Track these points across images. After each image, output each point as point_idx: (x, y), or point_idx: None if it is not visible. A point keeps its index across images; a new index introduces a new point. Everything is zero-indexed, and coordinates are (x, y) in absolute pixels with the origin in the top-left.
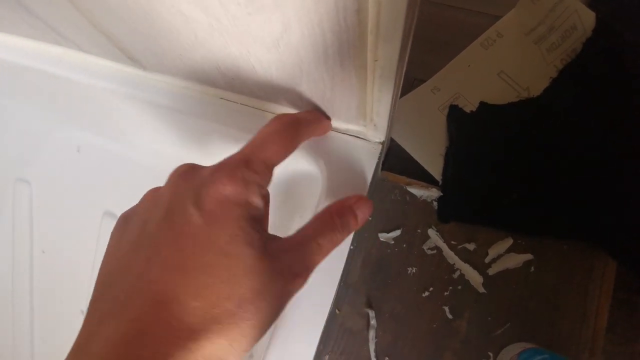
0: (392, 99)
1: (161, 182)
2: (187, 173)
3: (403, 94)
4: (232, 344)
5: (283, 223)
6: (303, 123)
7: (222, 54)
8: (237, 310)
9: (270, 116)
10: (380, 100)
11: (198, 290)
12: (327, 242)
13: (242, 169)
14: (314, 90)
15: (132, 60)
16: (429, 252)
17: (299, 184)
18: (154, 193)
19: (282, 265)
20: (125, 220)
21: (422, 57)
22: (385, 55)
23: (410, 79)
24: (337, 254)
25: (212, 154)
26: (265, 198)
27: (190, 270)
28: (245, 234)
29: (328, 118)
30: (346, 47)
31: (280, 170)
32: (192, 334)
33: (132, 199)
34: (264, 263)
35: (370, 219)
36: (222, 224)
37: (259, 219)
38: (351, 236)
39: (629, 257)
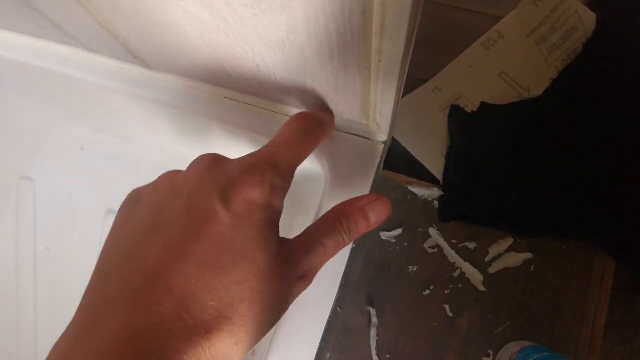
0: (395, 99)
1: None
2: (214, 166)
3: (405, 94)
4: (238, 343)
5: (285, 222)
6: (324, 126)
7: (228, 54)
8: (247, 312)
9: (273, 115)
10: (384, 100)
11: (215, 289)
12: (332, 244)
13: (271, 173)
14: (318, 90)
15: (137, 59)
16: (430, 250)
17: (301, 183)
18: (172, 178)
19: (290, 269)
20: (137, 199)
21: (424, 57)
22: (389, 56)
23: (412, 79)
24: (339, 253)
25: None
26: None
27: (210, 268)
28: (264, 238)
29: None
30: (351, 49)
31: None
32: (205, 332)
33: None
34: (275, 267)
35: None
36: (246, 227)
37: (276, 223)
38: None
39: (628, 257)
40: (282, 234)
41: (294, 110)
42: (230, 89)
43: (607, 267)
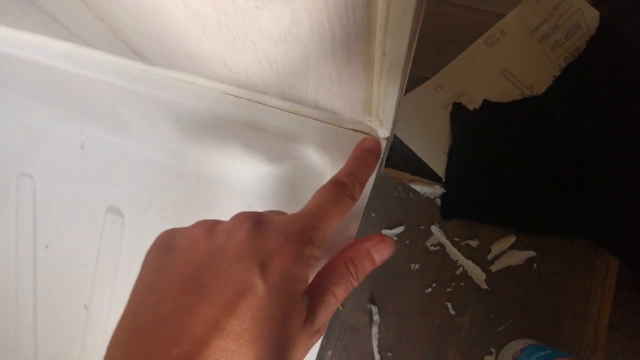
0: (399, 93)
1: (165, 177)
2: (255, 232)
3: (407, 91)
4: None
5: None
6: (361, 182)
7: (229, 48)
8: None
9: (275, 112)
10: (387, 95)
11: (245, 359)
12: (342, 291)
13: (309, 246)
14: (320, 85)
15: (138, 55)
16: (432, 248)
17: (302, 180)
18: (210, 232)
19: (310, 328)
20: (170, 247)
21: (426, 54)
22: (393, 49)
23: (414, 77)
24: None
25: (217, 150)
26: None
27: (245, 341)
28: (296, 309)
29: (375, 140)
30: (354, 42)
31: (283, 167)
32: None
33: (135, 195)
34: (301, 334)
35: (373, 214)
36: (280, 300)
37: (306, 291)
38: (355, 233)
39: (631, 255)
40: None
41: (296, 107)
42: (231, 85)
43: (610, 266)
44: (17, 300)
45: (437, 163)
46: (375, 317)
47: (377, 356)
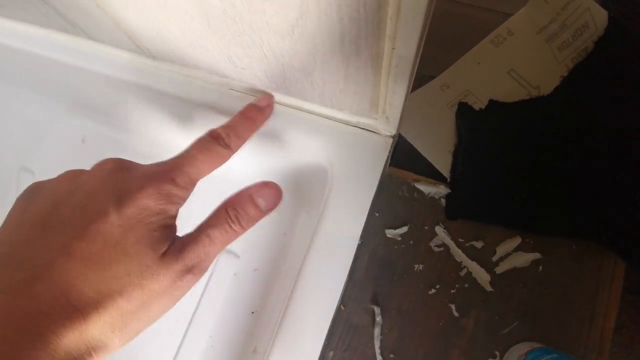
0: (407, 90)
1: None
2: (117, 172)
3: (412, 90)
4: (115, 332)
5: (288, 219)
6: (234, 143)
7: (235, 42)
8: (124, 304)
9: (280, 108)
10: (395, 91)
11: (95, 282)
12: (219, 233)
13: (169, 184)
14: (327, 80)
15: (141, 48)
16: (436, 249)
17: (306, 179)
18: (75, 177)
19: (176, 264)
20: (35, 193)
21: (432, 53)
22: (403, 42)
23: (420, 75)
24: (345, 250)
25: None
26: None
27: (92, 263)
28: (151, 238)
29: (269, 98)
30: (364, 35)
31: (287, 164)
32: (82, 317)
33: None
34: (160, 264)
35: (377, 214)
36: (134, 228)
37: (171, 227)
38: (358, 232)
39: (638, 258)
40: (284, 231)
41: (301, 103)
42: (235, 80)
43: (617, 268)
44: None
45: (442, 163)
46: (378, 318)
47: (379, 357)
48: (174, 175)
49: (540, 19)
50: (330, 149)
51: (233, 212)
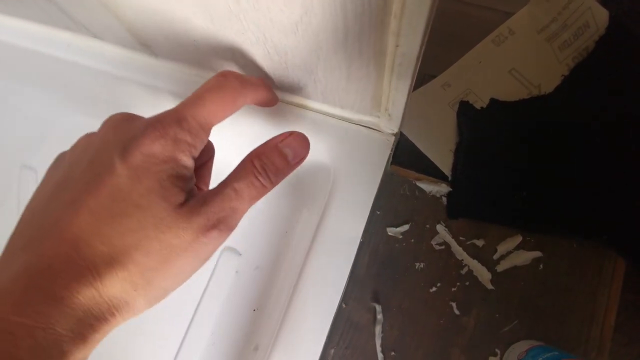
0: (409, 87)
1: None
2: (121, 123)
3: (414, 89)
4: (139, 290)
5: (290, 216)
6: (247, 84)
7: (238, 40)
8: (143, 260)
9: (283, 106)
10: (398, 89)
11: (107, 236)
12: (245, 186)
13: (175, 127)
14: (329, 78)
15: (144, 46)
16: (438, 247)
17: (307, 176)
18: (87, 138)
19: (197, 218)
20: (58, 161)
21: (433, 52)
22: (407, 40)
23: (421, 74)
24: (346, 248)
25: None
26: (195, 159)
27: (102, 217)
28: (163, 189)
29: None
30: (367, 32)
31: None
32: (96, 273)
33: None
34: (177, 217)
35: (378, 212)
36: (142, 178)
37: (184, 177)
38: (360, 230)
39: (638, 257)
40: (286, 228)
41: (304, 101)
42: None
43: (618, 267)
44: None
45: (444, 161)
46: (379, 316)
47: (380, 355)
48: (180, 117)
49: (541, 18)
50: (332, 147)
51: (259, 163)
